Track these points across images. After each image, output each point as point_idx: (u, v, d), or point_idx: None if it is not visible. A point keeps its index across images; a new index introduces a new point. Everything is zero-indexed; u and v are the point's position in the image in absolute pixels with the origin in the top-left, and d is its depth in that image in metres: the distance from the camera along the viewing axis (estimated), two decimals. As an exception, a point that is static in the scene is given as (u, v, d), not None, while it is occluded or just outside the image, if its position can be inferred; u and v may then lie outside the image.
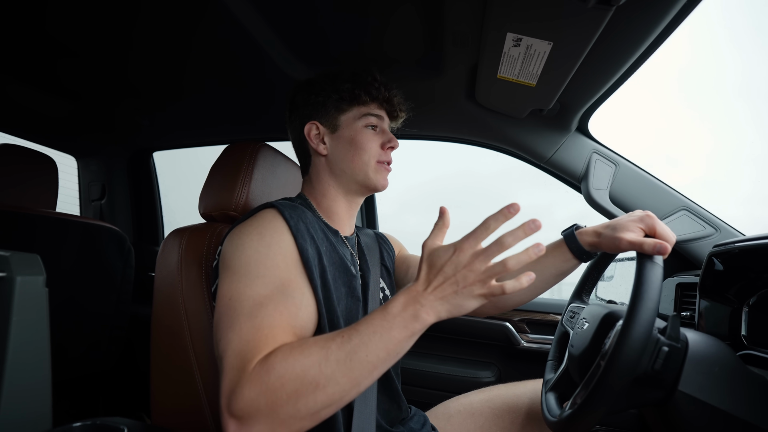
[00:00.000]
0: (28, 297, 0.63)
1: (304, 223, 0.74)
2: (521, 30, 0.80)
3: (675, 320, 0.62)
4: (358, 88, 0.87)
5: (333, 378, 0.52)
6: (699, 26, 17.98)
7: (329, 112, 0.87)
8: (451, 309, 0.54)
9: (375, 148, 0.87)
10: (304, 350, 0.54)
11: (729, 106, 39.65)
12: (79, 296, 1.38)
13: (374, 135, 0.88)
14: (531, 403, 0.97)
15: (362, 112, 0.87)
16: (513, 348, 1.40)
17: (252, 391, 0.52)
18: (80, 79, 1.31)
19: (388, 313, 0.54)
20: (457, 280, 0.53)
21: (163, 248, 0.88)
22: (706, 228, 1.10)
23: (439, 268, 0.54)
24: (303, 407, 0.52)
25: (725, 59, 39.03)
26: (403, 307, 0.54)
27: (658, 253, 0.65)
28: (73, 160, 2.03)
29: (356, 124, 0.87)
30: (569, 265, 0.88)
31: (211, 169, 0.99)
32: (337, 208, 0.88)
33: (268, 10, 0.94)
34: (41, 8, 0.95)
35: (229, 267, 0.67)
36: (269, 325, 0.59)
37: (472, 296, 0.53)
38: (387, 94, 0.89)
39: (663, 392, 0.62)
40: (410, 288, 0.56)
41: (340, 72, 0.89)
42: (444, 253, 0.54)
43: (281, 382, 0.52)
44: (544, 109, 1.10)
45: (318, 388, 0.52)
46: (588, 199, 1.18)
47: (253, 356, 0.55)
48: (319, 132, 0.88)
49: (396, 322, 0.54)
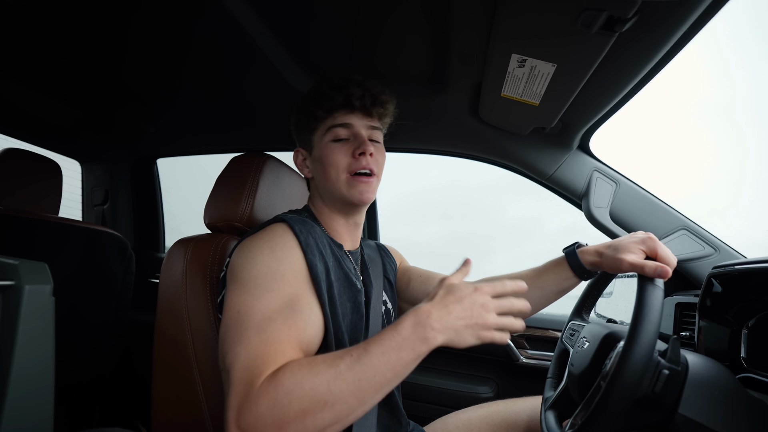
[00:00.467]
0: (36, 306, 0.63)
1: (313, 238, 0.75)
2: (526, 51, 0.82)
3: (675, 343, 0.63)
4: (313, 105, 0.85)
5: (341, 397, 0.53)
6: (705, 48, 18.47)
7: (305, 136, 0.89)
8: (454, 338, 0.58)
9: (343, 161, 0.82)
10: (313, 368, 0.55)
11: (736, 124, 39.42)
12: (79, 302, 1.38)
13: (342, 146, 0.83)
14: (530, 420, 0.97)
15: (327, 125, 0.85)
16: (512, 363, 1.40)
17: (260, 406, 0.52)
18: (85, 85, 1.33)
19: (397, 335, 0.56)
20: (473, 315, 0.58)
21: (168, 258, 0.88)
22: (705, 248, 1.11)
23: (458, 297, 0.59)
24: (310, 425, 0.52)
25: (732, 79, 39.18)
26: (412, 329, 0.56)
27: (660, 277, 0.65)
28: (77, 164, 2.04)
29: (323, 140, 0.85)
30: (570, 283, 0.89)
31: (217, 180, 1.00)
32: (336, 224, 0.89)
33: (275, 20, 0.95)
34: (47, 13, 0.96)
35: (238, 279, 0.67)
36: (277, 339, 0.59)
37: (476, 335, 0.58)
38: (341, 98, 0.83)
39: (663, 415, 0.63)
40: (421, 308, 0.58)
41: (307, 93, 0.89)
42: (465, 287, 0.60)
43: (289, 399, 0.52)
44: (546, 127, 1.11)
45: (326, 407, 0.53)
46: (589, 216, 1.19)
47: (261, 371, 0.55)
48: (304, 157, 0.91)
49: (405, 344, 0.55)
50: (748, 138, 13.19)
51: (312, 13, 0.91)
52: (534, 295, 0.91)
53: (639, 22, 0.69)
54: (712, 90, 22.36)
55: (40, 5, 0.93)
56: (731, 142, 13.60)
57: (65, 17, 0.98)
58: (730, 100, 20.25)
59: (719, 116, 19.18)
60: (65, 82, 1.32)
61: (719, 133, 16.57)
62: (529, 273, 0.92)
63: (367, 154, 0.82)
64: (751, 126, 13.69)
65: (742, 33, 15.53)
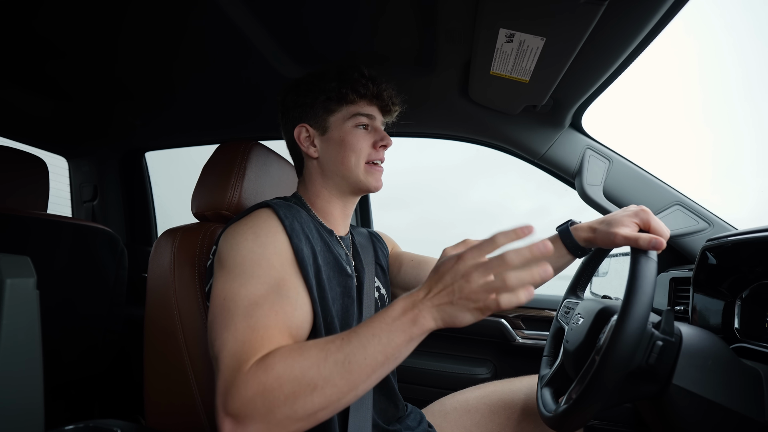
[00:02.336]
0: (19, 300, 0.62)
1: (299, 223, 0.74)
2: (514, 26, 0.80)
3: (669, 315, 0.63)
4: (345, 87, 0.84)
5: (330, 380, 0.52)
6: (693, 19, 18.33)
7: (318, 114, 0.86)
8: (445, 318, 0.53)
9: (365, 148, 0.85)
10: (303, 352, 0.54)
11: (728, 99, 39.51)
12: (73, 299, 1.37)
13: (365, 134, 0.86)
14: (527, 399, 0.98)
15: (351, 111, 0.85)
16: (508, 344, 1.41)
17: (248, 390, 0.51)
18: (70, 79, 1.30)
19: (387, 317, 0.54)
20: (454, 289, 0.52)
21: (156, 249, 0.87)
22: (699, 222, 1.10)
23: (440, 275, 0.54)
24: (300, 408, 0.51)
25: (723, 50, 38.87)
26: (402, 311, 0.54)
27: (653, 248, 0.65)
28: (64, 161, 2.01)
29: (346, 124, 0.85)
30: (564, 261, 0.88)
31: (204, 168, 0.98)
32: (332, 209, 0.88)
33: (259, 8, 0.93)
34: (30, 8, 0.94)
35: (224, 266, 0.66)
36: (265, 325, 0.59)
37: (467, 309, 0.52)
38: (376, 90, 0.86)
39: (657, 386, 0.63)
40: (412, 293, 0.55)
41: (326, 71, 0.87)
42: (448, 260, 0.54)
43: (279, 382, 0.51)
44: (537, 105, 1.10)
45: (315, 390, 0.52)
46: (582, 194, 1.18)
47: (249, 356, 0.55)
48: (309, 134, 0.87)
49: (395, 326, 0.53)
50: (741, 108, 12.86)
51: None
52: None
53: (627, -10, 0.68)
54: (704, 60, 21.84)
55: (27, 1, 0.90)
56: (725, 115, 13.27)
57: (52, 13, 0.95)
58: (722, 69, 19.86)
59: (713, 88, 18.72)
60: (49, 77, 1.29)
61: (713, 108, 16.23)
62: None
63: (387, 147, 0.88)
64: (744, 97, 13.34)
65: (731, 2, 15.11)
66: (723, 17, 25.72)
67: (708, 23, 23.94)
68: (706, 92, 27.45)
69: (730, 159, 20.95)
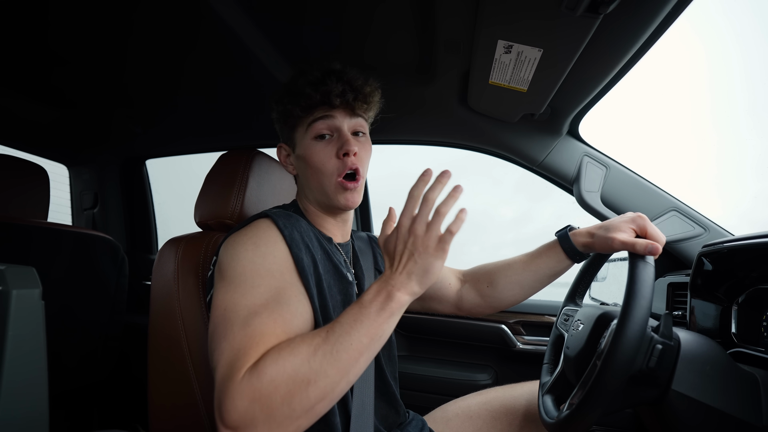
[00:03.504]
0: (25, 310, 0.62)
1: (298, 232, 0.75)
2: (512, 37, 0.82)
3: (668, 318, 0.64)
4: (291, 103, 0.80)
5: (322, 371, 0.53)
6: (692, 27, 18.15)
7: (285, 132, 0.86)
8: (420, 277, 0.58)
9: (329, 162, 0.78)
10: (293, 349, 0.55)
11: (726, 103, 39.44)
12: (74, 307, 1.37)
13: (326, 145, 0.79)
14: (528, 405, 0.98)
15: (306, 122, 0.80)
16: (509, 350, 1.41)
17: (244, 400, 0.51)
18: (70, 87, 1.30)
19: (364, 300, 0.57)
20: (410, 250, 0.57)
21: (160, 258, 0.88)
22: (695, 228, 1.12)
23: (393, 250, 0.59)
24: (297, 406, 0.52)
25: (723, 52, 38.73)
26: (376, 292, 0.58)
27: (650, 254, 0.66)
28: (64, 169, 2.01)
29: (305, 139, 0.81)
30: (563, 266, 0.90)
31: (206, 177, 0.99)
32: (324, 222, 0.87)
33: (259, 16, 0.94)
34: (32, 16, 0.95)
35: (225, 277, 0.67)
36: (261, 332, 0.58)
37: (431, 256, 0.57)
38: (319, 96, 0.77)
39: (657, 391, 0.63)
40: (380, 277, 0.60)
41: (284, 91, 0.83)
42: (391, 237, 0.60)
43: (274, 385, 0.52)
44: (535, 113, 1.12)
45: (309, 384, 0.52)
46: (580, 201, 1.19)
47: (242, 364, 0.54)
48: (287, 153, 0.88)
49: (372, 306, 0.57)
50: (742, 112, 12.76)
51: (297, 6, 0.90)
52: (528, 279, 0.92)
53: (623, 3, 0.69)
54: (703, 66, 21.87)
55: (27, 8, 0.91)
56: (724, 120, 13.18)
57: (52, 20, 0.96)
58: (722, 74, 19.83)
59: (711, 91, 18.62)
60: (49, 85, 1.29)
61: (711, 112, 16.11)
62: (522, 258, 0.93)
63: (351, 154, 0.78)
64: (744, 100, 13.22)
65: (731, 6, 15.21)
66: (725, 17, 25.41)
67: (709, 25, 23.60)
68: (705, 95, 27.19)
69: (730, 163, 20.71)
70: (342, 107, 0.80)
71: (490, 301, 0.97)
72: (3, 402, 0.60)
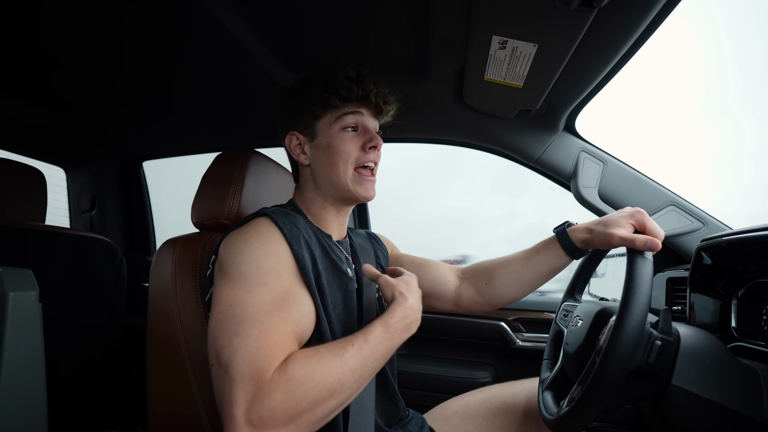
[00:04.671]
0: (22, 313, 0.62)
1: (297, 229, 0.74)
2: (506, 32, 0.81)
3: (667, 314, 0.63)
4: (328, 92, 0.82)
5: (347, 384, 0.58)
6: (687, 19, 18.01)
7: (305, 121, 0.85)
8: (415, 305, 0.70)
9: (353, 152, 0.82)
10: (321, 359, 0.58)
11: (724, 97, 38.80)
12: (72, 309, 1.37)
13: (353, 137, 0.83)
14: (528, 402, 0.98)
15: (336, 114, 0.83)
16: (508, 347, 1.41)
17: (273, 399, 0.53)
18: (67, 89, 1.30)
19: (390, 327, 0.65)
20: (401, 289, 0.70)
21: (157, 259, 0.87)
22: (693, 222, 1.12)
23: (397, 287, 0.71)
24: (320, 412, 0.56)
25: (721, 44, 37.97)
26: (401, 319, 0.66)
27: (649, 249, 0.66)
28: (61, 172, 2.00)
29: (332, 128, 0.83)
30: (561, 262, 0.89)
31: (203, 178, 0.98)
32: (326, 215, 0.87)
33: (254, 16, 0.94)
34: (28, 18, 0.94)
35: (227, 274, 0.66)
36: (276, 332, 0.60)
37: (407, 290, 0.71)
38: (361, 92, 0.82)
39: (657, 386, 0.63)
40: (405, 305, 0.68)
41: (312, 76, 0.86)
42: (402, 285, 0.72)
43: (302, 390, 0.54)
44: (531, 109, 1.11)
45: (334, 394, 0.57)
46: (578, 197, 1.19)
47: (268, 365, 0.56)
48: (300, 142, 0.87)
49: (396, 334, 0.65)
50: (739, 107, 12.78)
51: (291, 6, 0.90)
52: (526, 276, 0.92)
53: (617, -4, 0.69)
54: (699, 61, 21.91)
55: (23, 11, 0.91)
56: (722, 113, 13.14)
57: (48, 22, 0.96)
58: (718, 69, 19.81)
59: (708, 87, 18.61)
60: (46, 87, 1.29)
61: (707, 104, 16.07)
62: (520, 255, 0.93)
63: (378, 148, 0.85)
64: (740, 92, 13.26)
65: (725, 3, 15.06)
66: (720, 8, 25.28)
67: (704, 17, 23.59)
68: (703, 86, 27.09)
69: (729, 156, 20.81)
70: (372, 107, 0.86)
71: (489, 299, 0.96)
72: (1, 404, 0.59)
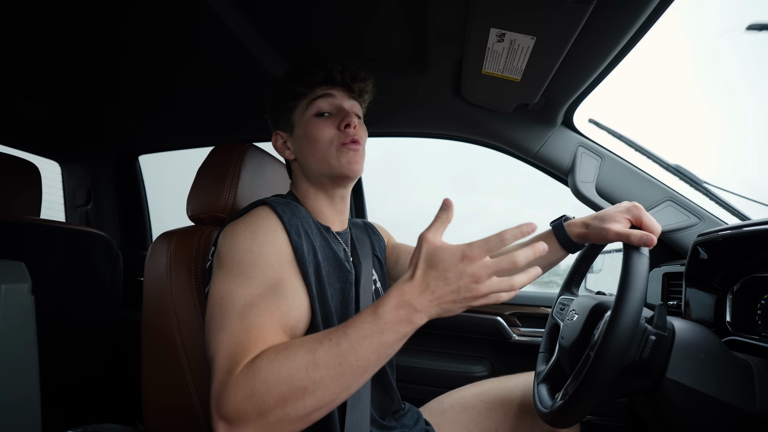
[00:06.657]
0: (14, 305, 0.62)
1: (297, 218, 0.74)
2: (504, 25, 0.81)
3: (661, 309, 0.63)
4: (293, 81, 0.84)
5: (322, 383, 0.51)
6: (685, 13, 17.81)
7: (284, 117, 0.87)
8: (441, 313, 0.53)
9: (329, 133, 0.81)
10: (290, 354, 0.53)
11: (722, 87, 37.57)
12: (69, 303, 1.36)
13: (326, 121, 0.82)
14: (523, 396, 0.98)
15: (307, 102, 0.83)
16: (505, 342, 1.41)
17: (238, 395, 0.51)
18: (64, 83, 1.29)
19: (379, 317, 0.52)
20: (460, 288, 0.51)
21: (152, 252, 0.87)
22: (690, 218, 1.12)
23: (441, 272, 0.51)
24: (292, 411, 0.51)
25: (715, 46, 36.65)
26: (395, 310, 0.52)
27: (645, 245, 0.66)
28: (56, 166, 1.99)
29: (305, 117, 0.83)
30: (557, 256, 0.89)
31: (198, 171, 0.98)
32: (322, 207, 0.87)
33: (251, 10, 0.93)
34: (27, 13, 0.93)
35: (223, 265, 0.66)
36: (259, 325, 0.59)
37: (465, 306, 0.52)
38: (323, 73, 0.82)
39: (651, 380, 0.63)
40: (403, 288, 0.53)
41: (286, 73, 0.88)
42: (449, 257, 0.51)
43: (266, 387, 0.51)
44: (529, 103, 1.11)
45: (306, 393, 0.51)
46: (575, 191, 1.19)
47: (241, 358, 0.55)
48: (284, 139, 0.88)
49: (388, 327, 0.52)
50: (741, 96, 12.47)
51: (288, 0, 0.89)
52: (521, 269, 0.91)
53: (616, -11, 0.68)
54: (697, 53, 21.16)
55: (22, 5, 0.90)
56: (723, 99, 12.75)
57: (47, 17, 0.95)
58: (716, 60, 19.21)
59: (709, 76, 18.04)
60: (41, 81, 1.28)
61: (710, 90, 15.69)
62: (516, 248, 0.93)
63: (353, 126, 0.80)
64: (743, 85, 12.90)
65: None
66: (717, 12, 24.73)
67: (704, 20, 23.14)
68: (700, 77, 26.43)
69: (734, 142, 20.23)
70: (342, 86, 0.84)
71: None
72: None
